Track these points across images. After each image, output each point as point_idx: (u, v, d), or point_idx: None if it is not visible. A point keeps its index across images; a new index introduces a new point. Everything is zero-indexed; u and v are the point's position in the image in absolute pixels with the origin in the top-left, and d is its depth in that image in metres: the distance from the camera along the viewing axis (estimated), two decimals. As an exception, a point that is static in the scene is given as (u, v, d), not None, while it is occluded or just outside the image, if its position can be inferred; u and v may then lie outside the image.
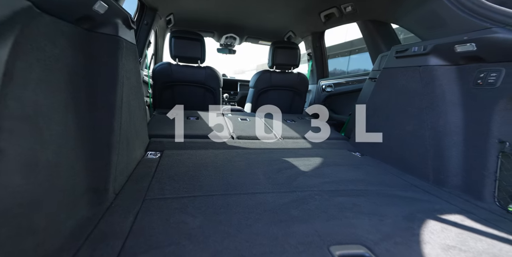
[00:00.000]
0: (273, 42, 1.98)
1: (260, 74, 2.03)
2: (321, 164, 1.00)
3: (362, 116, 1.31)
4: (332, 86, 2.05)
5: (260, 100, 2.11)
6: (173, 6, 1.87)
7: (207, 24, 2.26)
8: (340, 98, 2.02)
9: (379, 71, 1.31)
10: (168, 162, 0.86)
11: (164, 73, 1.71)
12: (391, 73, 1.16)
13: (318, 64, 2.29)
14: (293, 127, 1.57)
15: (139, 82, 0.92)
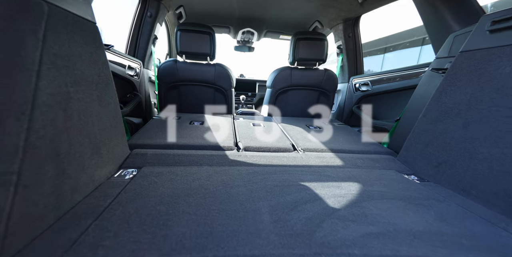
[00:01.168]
0: (295, 32, 1.67)
1: (278, 71, 1.74)
2: (360, 195, 0.67)
3: (421, 123, 0.93)
4: (368, 84, 1.66)
5: (279, 102, 1.81)
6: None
7: (221, 18, 2.06)
8: (380, 98, 1.63)
9: (450, 58, 0.92)
10: (137, 187, 0.62)
11: (169, 71, 1.53)
12: (478, 57, 0.77)
13: (350, 58, 1.91)
14: (317, 136, 1.25)
15: (105, 76, 0.70)
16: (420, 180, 0.85)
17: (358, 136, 1.31)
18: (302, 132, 1.30)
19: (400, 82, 1.40)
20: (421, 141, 0.93)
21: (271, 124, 1.45)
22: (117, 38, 1.58)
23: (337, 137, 1.26)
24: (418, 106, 1.06)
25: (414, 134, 0.97)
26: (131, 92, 1.46)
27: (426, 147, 0.90)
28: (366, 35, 6.83)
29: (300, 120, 1.65)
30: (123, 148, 0.81)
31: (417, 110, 1.04)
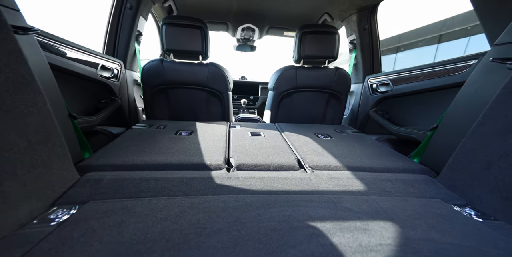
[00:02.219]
0: (300, 26, 1.43)
1: (281, 71, 1.50)
2: (402, 248, 0.41)
3: (477, 134, 0.66)
4: (389, 84, 1.38)
5: (283, 106, 1.57)
6: None
7: (218, 13, 1.84)
8: (404, 101, 1.35)
9: None
10: (56, 245, 0.39)
11: (154, 73, 1.32)
12: None
13: (365, 54, 1.64)
14: (329, 148, 0.99)
15: (15, 74, 0.48)
16: (482, 217, 0.57)
17: (379, 148, 1.04)
18: (310, 143, 1.05)
19: (434, 80, 1.11)
20: (478, 160, 0.66)
21: (273, 132, 1.21)
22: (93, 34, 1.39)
23: (353, 149, 1.00)
24: (467, 110, 0.78)
25: (465, 149, 0.70)
26: (108, 97, 1.25)
27: (488, 169, 0.63)
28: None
29: (307, 127, 1.39)
30: (62, 174, 0.58)
31: (466, 116, 0.77)
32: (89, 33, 1.35)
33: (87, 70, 1.05)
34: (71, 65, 0.96)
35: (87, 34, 2.64)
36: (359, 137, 1.23)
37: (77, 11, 32.37)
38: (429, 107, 1.19)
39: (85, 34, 4.53)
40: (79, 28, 19.49)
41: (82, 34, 5.84)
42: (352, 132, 1.34)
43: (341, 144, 1.06)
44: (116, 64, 1.29)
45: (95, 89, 1.19)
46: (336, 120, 1.63)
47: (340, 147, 1.02)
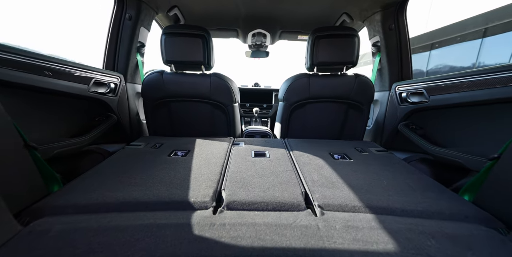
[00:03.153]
0: (313, 30, 1.26)
1: (292, 80, 1.33)
2: None
3: None
4: (423, 93, 1.14)
5: (295, 119, 1.40)
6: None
7: (226, 20, 1.74)
8: (444, 115, 1.09)
9: None
10: None
11: (153, 85, 1.24)
12: None
13: (392, 58, 1.40)
14: (346, 175, 0.81)
15: None
16: None
17: (413, 176, 0.82)
18: (323, 168, 0.87)
19: (487, 90, 0.86)
20: None
21: (280, 152, 1.05)
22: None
23: (377, 178, 0.80)
24: None
25: None
26: (103, 113, 1.20)
27: None
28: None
29: (321, 144, 1.21)
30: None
31: None
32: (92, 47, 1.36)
33: (74, 87, 0.99)
34: (50, 83, 0.89)
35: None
36: (385, 158, 1.01)
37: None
38: (481, 125, 0.93)
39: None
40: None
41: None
42: (376, 151, 1.12)
43: (362, 170, 0.86)
44: (115, 78, 1.24)
45: (86, 106, 1.13)
46: (357, 134, 1.41)
47: (360, 174, 0.82)
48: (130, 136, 1.38)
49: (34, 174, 0.61)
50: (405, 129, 1.22)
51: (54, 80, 0.91)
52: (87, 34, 30.66)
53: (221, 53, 1.54)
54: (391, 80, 1.41)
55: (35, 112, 0.91)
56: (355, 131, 1.40)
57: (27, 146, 0.60)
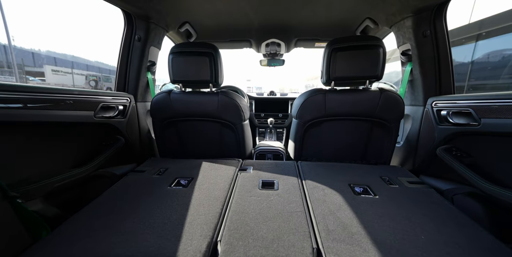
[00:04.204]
0: (329, 41, 1.11)
1: (305, 96, 1.21)
2: None
3: None
4: (471, 113, 0.92)
5: (309, 138, 1.27)
6: (180, 13, 1.39)
7: (238, 31, 1.68)
8: (503, 143, 0.86)
9: None
10: None
11: (161, 105, 1.23)
12: None
13: (427, 69, 1.18)
14: (370, 222, 0.67)
15: None
16: None
17: (463, 229, 0.64)
18: (341, 208, 0.74)
19: None
20: None
21: (291, 182, 0.94)
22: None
23: (413, 229, 0.63)
24: None
25: None
26: (112, 136, 1.21)
27: None
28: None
29: (340, 170, 1.07)
30: None
31: None
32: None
33: (78, 115, 0.99)
34: (51, 116, 0.88)
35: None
36: (421, 195, 0.84)
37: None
38: None
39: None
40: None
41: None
42: (409, 182, 0.95)
43: (391, 214, 0.71)
44: (124, 99, 1.25)
45: (92, 132, 1.13)
46: (384, 156, 1.22)
47: (388, 221, 0.67)
48: (140, 155, 1.38)
49: (15, 225, 0.60)
50: (446, 155, 1.01)
51: (56, 111, 0.90)
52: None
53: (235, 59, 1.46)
54: (426, 94, 1.19)
55: (32, 145, 0.88)
56: (381, 152, 1.22)
57: (5, 197, 0.59)
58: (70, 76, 18.72)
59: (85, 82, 19.87)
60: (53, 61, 20.09)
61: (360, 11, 1.30)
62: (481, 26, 5.70)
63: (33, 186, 0.80)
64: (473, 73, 5.32)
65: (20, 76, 15.86)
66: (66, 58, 22.19)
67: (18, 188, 0.76)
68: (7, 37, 15.24)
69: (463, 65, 5.59)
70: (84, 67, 22.30)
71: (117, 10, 1.22)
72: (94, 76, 20.79)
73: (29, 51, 19.55)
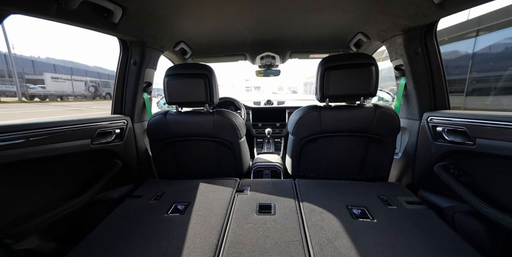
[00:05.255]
0: (322, 60, 1.12)
1: (300, 114, 1.21)
2: None
3: None
4: (466, 132, 0.92)
5: (306, 154, 1.27)
6: (175, 35, 1.40)
7: (233, 46, 1.68)
8: (500, 165, 0.85)
9: None
10: None
11: (157, 127, 1.24)
12: None
13: (420, 85, 1.18)
14: (369, 253, 0.67)
15: None
16: None
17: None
18: (338, 236, 0.74)
19: None
20: None
21: (288, 205, 0.95)
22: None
23: (412, 253, 0.64)
24: None
25: None
26: (109, 160, 1.22)
27: None
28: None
29: (337, 189, 1.07)
30: None
31: None
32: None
33: (75, 145, 0.99)
34: (45, 151, 0.87)
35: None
36: (419, 218, 0.84)
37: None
38: None
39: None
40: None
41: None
42: (408, 202, 0.95)
43: (389, 241, 0.71)
44: (121, 121, 1.26)
45: (89, 159, 1.13)
46: (381, 171, 1.22)
47: (386, 250, 0.66)
48: (138, 175, 1.39)
49: None
50: (444, 173, 1.00)
51: (51, 145, 0.88)
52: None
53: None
54: (421, 109, 1.19)
55: (27, 182, 0.87)
56: (378, 167, 1.22)
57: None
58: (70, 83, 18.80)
59: (84, 88, 19.96)
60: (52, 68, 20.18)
61: (352, 26, 1.30)
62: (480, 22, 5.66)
63: (29, 224, 0.80)
64: (475, 66, 5.31)
65: (21, 85, 15.98)
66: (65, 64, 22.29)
67: (12, 228, 0.76)
68: (7, 46, 15.31)
69: (466, 57, 5.53)
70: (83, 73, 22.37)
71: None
72: (93, 81, 20.87)
73: (28, 58, 19.65)
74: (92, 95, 20.12)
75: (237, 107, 2.33)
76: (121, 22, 1.04)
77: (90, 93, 20.09)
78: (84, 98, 19.76)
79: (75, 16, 0.89)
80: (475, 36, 6.28)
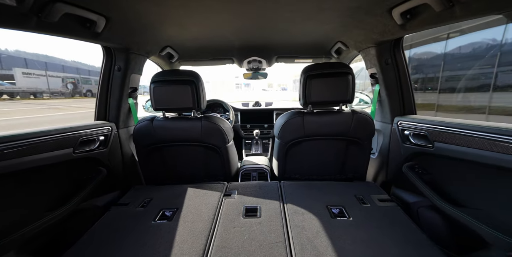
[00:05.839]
0: (304, 68, 1.21)
1: (285, 119, 1.29)
2: None
3: None
4: (427, 136, 1.06)
5: (291, 157, 1.35)
6: (160, 40, 1.41)
7: (220, 51, 1.72)
8: (454, 166, 0.99)
9: None
10: None
11: (144, 133, 1.24)
12: None
13: (391, 92, 1.31)
14: (344, 250, 0.74)
15: None
16: None
17: (425, 254, 0.73)
18: (318, 235, 0.81)
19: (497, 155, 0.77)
20: None
21: (273, 207, 1.02)
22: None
23: (380, 253, 0.73)
24: None
25: None
26: (93, 168, 1.21)
27: None
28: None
29: (319, 190, 1.16)
30: None
31: None
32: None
33: (56, 155, 0.97)
34: (24, 163, 0.84)
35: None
36: (389, 215, 0.94)
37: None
38: (502, 190, 0.81)
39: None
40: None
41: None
42: (380, 201, 1.05)
43: (362, 238, 0.79)
44: (105, 128, 1.25)
45: (72, 168, 1.11)
46: (359, 170, 1.34)
47: (359, 247, 0.75)
48: (124, 182, 1.39)
49: None
50: (410, 172, 1.14)
51: (31, 157, 0.86)
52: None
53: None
54: (393, 114, 1.33)
55: (5, 194, 0.83)
56: (357, 167, 1.34)
57: None
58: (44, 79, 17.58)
59: (61, 85, 18.77)
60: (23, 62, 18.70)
61: (332, 36, 1.40)
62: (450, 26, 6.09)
63: (6, 240, 0.77)
64: (446, 65, 5.74)
65: (-13, 81, 14.74)
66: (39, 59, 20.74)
67: None
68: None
69: (439, 57, 5.93)
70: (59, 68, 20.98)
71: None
72: (72, 78, 19.65)
73: (-6, 52, 18.09)
74: (70, 92, 18.97)
75: (226, 109, 2.37)
76: (105, 31, 1.02)
77: (68, 90, 18.94)
78: (61, 95, 18.61)
79: (56, 27, 0.87)
80: (446, 38, 6.73)
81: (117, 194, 1.34)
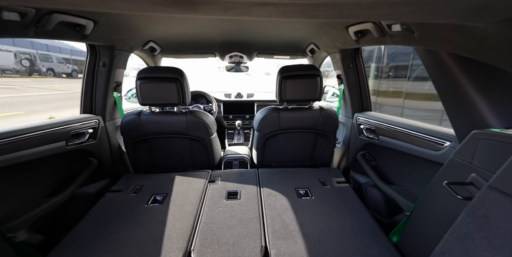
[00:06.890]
0: (280, 69, 1.36)
1: (263, 114, 1.47)
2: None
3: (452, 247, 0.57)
4: (374, 131, 1.32)
5: (269, 147, 1.55)
6: (143, 35, 1.43)
7: (202, 45, 1.77)
8: (391, 154, 1.27)
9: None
10: None
11: (131, 126, 1.33)
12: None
13: (352, 92, 1.54)
14: (304, 219, 0.94)
15: None
16: None
17: (359, 218, 0.97)
18: (285, 211, 1.00)
19: (413, 147, 1.05)
20: None
21: (251, 191, 1.20)
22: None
23: (329, 221, 0.94)
24: (441, 206, 0.72)
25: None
26: (84, 159, 1.29)
27: None
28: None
29: (290, 175, 1.38)
30: None
31: (441, 213, 0.70)
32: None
33: (51, 148, 1.05)
34: (19, 157, 0.92)
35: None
36: (342, 194, 1.18)
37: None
38: (415, 172, 1.10)
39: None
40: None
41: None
42: (337, 183, 1.30)
43: (319, 211, 1.01)
44: (93, 121, 1.31)
45: (65, 159, 1.19)
46: (325, 158, 1.59)
47: (316, 218, 0.96)
48: (114, 171, 1.49)
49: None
50: (361, 159, 1.42)
51: (27, 151, 0.94)
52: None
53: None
54: (353, 110, 1.57)
55: (8, 183, 0.93)
56: (324, 155, 1.58)
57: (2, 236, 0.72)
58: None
59: (15, 61, 16.40)
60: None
61: (305, 38, 1.54)
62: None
63: (17, 221, 0.89)
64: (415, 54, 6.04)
65: None
66: (-19, 29, 17.58)
67: (4, 225, 0.85)
68: None
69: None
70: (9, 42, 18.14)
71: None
72: (27, 53, 17.18)
73: None
74: (27, 70, 16.73)
75: (209, 100, 2.46)
76: (92, 32, 1.07)
77: (24, 68, 16.69)
78: (16, 73, 16.37)
79: (50, 33, 0.93)
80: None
81: (108, 182, 1.45)
